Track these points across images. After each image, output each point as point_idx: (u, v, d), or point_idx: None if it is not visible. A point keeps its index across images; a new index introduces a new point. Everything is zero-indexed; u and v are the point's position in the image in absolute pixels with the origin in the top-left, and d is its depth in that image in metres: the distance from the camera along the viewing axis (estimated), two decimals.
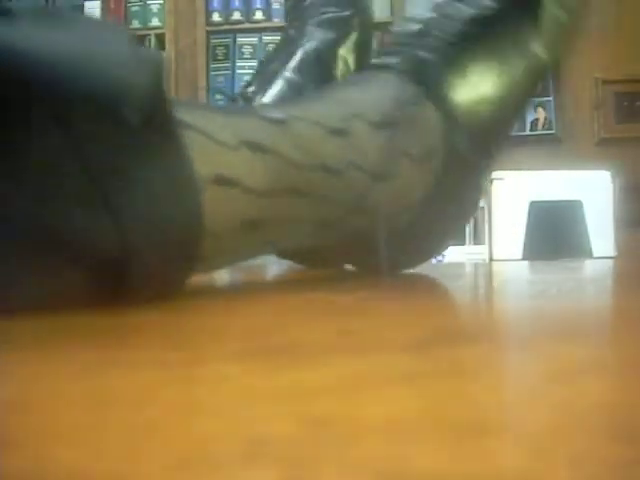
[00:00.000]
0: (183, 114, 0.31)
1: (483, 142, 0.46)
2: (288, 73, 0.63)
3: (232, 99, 0.75)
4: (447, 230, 0.48)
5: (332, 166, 0.38)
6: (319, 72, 0.63)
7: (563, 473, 0.11)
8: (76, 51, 0.28)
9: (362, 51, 0.68)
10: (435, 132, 0.43)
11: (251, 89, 0.63)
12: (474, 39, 0.45)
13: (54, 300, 0.29)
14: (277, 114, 0.37)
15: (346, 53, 0.66)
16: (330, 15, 0.66)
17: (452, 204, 0.46)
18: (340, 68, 0.65)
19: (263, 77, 0.64)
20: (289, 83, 0.62)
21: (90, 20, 0.32)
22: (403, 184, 0.42)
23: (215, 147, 0.32)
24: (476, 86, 0.45)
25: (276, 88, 0.62)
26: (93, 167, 0.28)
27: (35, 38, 0.28)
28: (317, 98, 0.41)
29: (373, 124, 0.40)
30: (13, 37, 0.27)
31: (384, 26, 2.63)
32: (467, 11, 0.46)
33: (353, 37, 0.66)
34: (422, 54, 0.44)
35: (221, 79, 2.64)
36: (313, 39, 0.64)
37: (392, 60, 0.44)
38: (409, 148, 0.42)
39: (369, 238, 0.42)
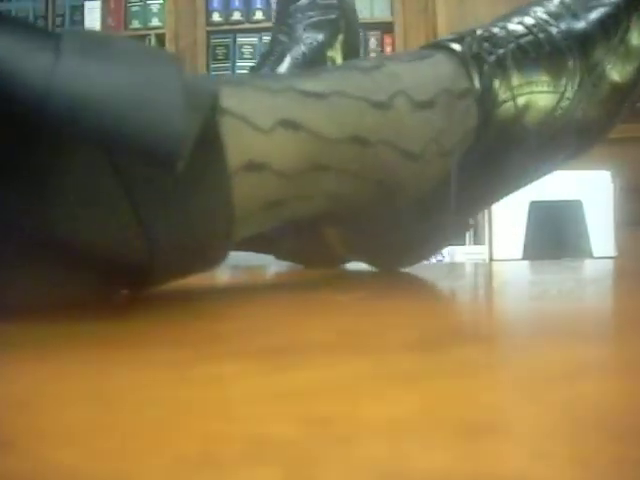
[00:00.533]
0: (220, 95, 0.31)
1: (501, 168, 0.46)
2: None
3: None
4: (447, 229, 0.48)
5: (365, 138, 0.38)
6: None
7: (563, 473, 0.11)
8: (127, 95, 0.27)
9: (349, 52, 0.69)
10: (466, 131, 0.43)
11: None
12: (532, 63, 0.45)
13: (66, 298, 0.30)
14: (318, 86, 0.36)
15: (334, 54, 0.67)
16: (316, 19, 0.67)
17: (456, 203, 0.46)
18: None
19: None
20: None
21: (139, 50, 0.30)
22: (429, 169, 0.42)
23: (249, 132, 0.32)
24: (520, 109, 0.44)
25: None
26: (134, 194, 0.28)
27: (84, 78, 0.27)
28: (365, 70, 0.40)
29: (415, 103, 0.40)
30: (61, 76, 0.26)
31: (384, 26, 2.63)
32: (529, 37, 0.46)
33: (340, 38, 0.68)
34: (484, 52, 0.44)
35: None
36: (301, 42, 0.66)
37: (456, 45, 0.44)
38: (439, 137, 0.42)
39: (380, 220, 0.43)
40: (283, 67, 0.64)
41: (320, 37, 0.66)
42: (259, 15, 2.65)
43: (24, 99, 0.26)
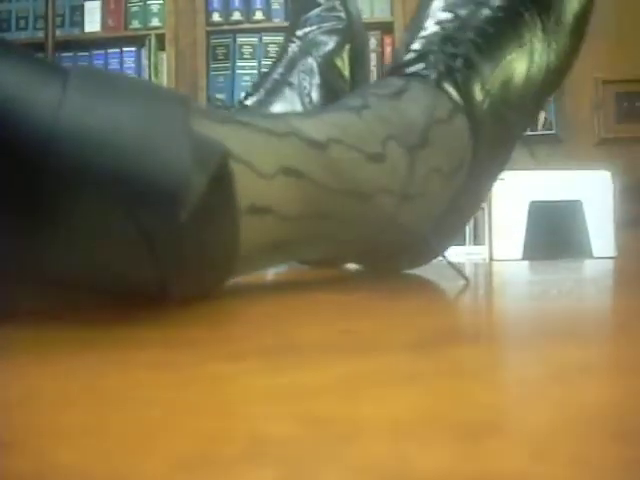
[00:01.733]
0: (227, 140, 0.32)
1: (501, 148, 0.47)
2: (288, 86, 0.66)
3: (227, 108, 0.80)
4: (454, 233, 0.48)
5: (364, 192, 0.38)
6: (318, 83, 0.67)
7: (563, 473, 0.11)
8: (133, 146, 0.27)
9: (357, 60, 0.71)
10: (464, 146, 0.43)
11: (250, 100, 0.66)
12: (494, 41, 0.45)
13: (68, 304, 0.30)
14: (318, 135, 0.37)
15: (342, 63, 0.69)
16: (325, 29, 0.70)
17: (465, 210, 0.47)
18: (337, 78, 0.69)
19: (265, 84, 0.67)
20: (291, 87, 0.65)
21: (146, 90, 0.30)
22: (430, 200, 0.42)
23: (253, 177, 0.33)
24: (501, 91, 0.45)
25: (278, 100, 0.65)
26: (146, 233, 0.28)
27: (89, 122, 0.27)
28: (359, 110, 0.40)
29: (409, 147, 0.41)
30: (66, 121, 0.26)
31: (384, 26, 2.63)
32: (482, 12, 0.46)
33: (347, 47, 0.70)
34: (450, 62, 0.44)
35: (221, 79, 2.64)
36: (311, 50, 0.68)
37: (421, 67, 0.44)
38: (440, 165, 0.42)
39: (386, 248, 0.43)
40: (294, 76, 0.66)
41: (328, 46, 0.69)
42: (259, 15, 2.65)
43: (28, 142, 0.26)
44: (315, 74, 0.67)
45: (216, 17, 2.66)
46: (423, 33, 0.46)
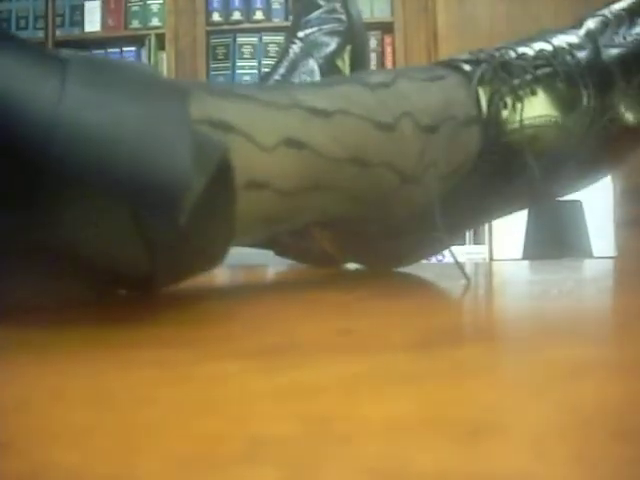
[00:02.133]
0: (227, 112, 0.32)
1: (499, 189, 0.46)
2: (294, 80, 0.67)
3: None
4: (439, 240, 0.48)
5: (366, 159, 0.38)
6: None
7: (564, 473, 0.11)
8: (133, 144, 0.27)
9: (357, 61, 0.71)
10: (465, 156, 0.43)
11: None
12: (544, 96, 0.45)
13: (66, 299, 0.30)
14: (324, 103, 0.36)
15: (342, 64, 0.70)
16: (327, 30, 0.70)
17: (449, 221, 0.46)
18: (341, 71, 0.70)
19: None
20: None
21: (145, 80, 0.29)
22: (422, 192, 0.42)
23: (252, 150, 0.32)
24: (527, 139, 0.44)
25: None
26: (145, 231, 0.28)
27: (89, 118, 0.26)
28: (373, 87, 0.40)
29: (421, 127, 0.40)
30: (65, 109, 0.26)
31: (384, 26, 2.63)
32: (546, 67, 0.45)
33: (348, 49, 0.71)
34: (496, 80, 0.44)
35: (221, 79, 2.64)
36: (312, 52, 0.69)
37: (470, 69, 0.44)
38: (439, 161, 0.42)
39: (372, 234, 0.43)
40: (295, 78, 0.67)
41: (329, 47, 0.69)
42: (259, 15, 2.65)
43: (27, 141, 0.26)
44: (316, 75, 0.67)
45: (216, 17, 2.66)
46: (489, 50, 0.46)
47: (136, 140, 0.27)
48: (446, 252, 0.47)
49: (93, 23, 2.67)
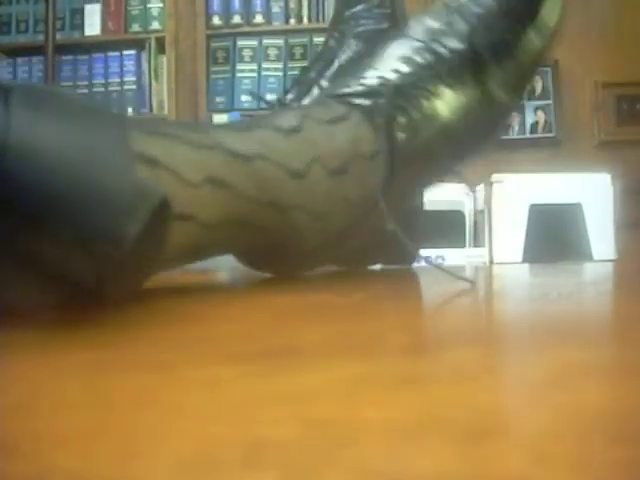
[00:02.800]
0: (155, 148, 0.34)
1: (408, 195, 0.52)
2: (324, 82, 0.66)
3: (263, 101, 0.78)
4: (351, 244, 0.51)
5: (281, 205, 0.41)
6: None
7: (563, 476, 0.11)
8: (78, 168, 0.28)
9: None
10: (376, 186, 0.46)
11: (289, 96, 0.67)
12: (435, 104, 0.48)
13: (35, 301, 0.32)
14: (244, 148, 0.39)
15: None
16: (368, 27, 0.68)
17: (363, 231, 0.49)
18: None
19: (301, 85, 0.68)
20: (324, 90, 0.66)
21: (85, 110, 0.31)
22: (333, 223, 0.46)
23: (180, 186, 0.35)
24: (427, 148, 0.48)
25: (313, 94, 0.66)
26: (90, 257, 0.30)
27: (36, 142, 0.27)
28: (287, 134, 0.43)
29: (330, 170, 0.44)
30: (10, 131, 0.27)
31: None
32: (432, 71, 0.49)
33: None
34: (395, 112, 0.47)
35: (221, 82, 2.64)
36: (349, 50, 0.68)
37: (367, 103, 0.47)
38: (350, 195, 0.45)
39: (285, 257, 0.47)
40: (329, 72, 0.66)
41: (367, 46, 0.67)
42: (259, 18, 2.65)
43: None
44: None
45: (216, 20, 2.66)
46: (378, 73, 0.49)
47: (83, 171, 0.28)
48: (447, 255, 0.47)
49: (93, 27, 2.67)
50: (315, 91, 0.66)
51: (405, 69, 0.49)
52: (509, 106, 0.52)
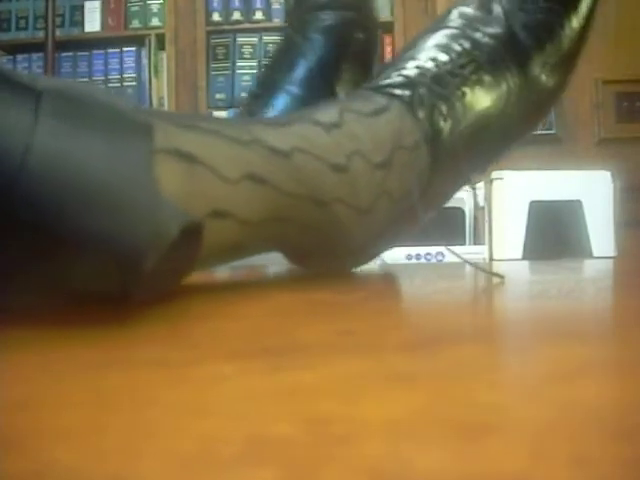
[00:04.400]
0: (195, 145, 0.33)
1: (451, 187, 0.51)
2: (292, 88, 0.62)
3: (234, 106, 0.75)
4: (390, 243, 0.51)
5: (322, 199, 0.40)
6: (322, 86, 0.62)
7: (563, 473, 0.11)
8: (100, 189, 0.27)
9: (366, 59, 0.65)
10: (419, 177, 0.46)
11: (254, 103, 0.63)
12: (476, 93, 0.48)
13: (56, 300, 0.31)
14: (283, 144, 0.38)
15: (348, 65, 0.63)
16: (331, 21, 0.63)
17: (403, 228, 0.50)
18: (343, 79, 0.63)
19: (267, 89, 0.63)
20: (293, 97, 0.62)
21: (114, 119, 0.29)
22: (377, 219, 0.45)
23: (216, 182, 0.34)
24: (469, 138, 0.48)
25: (281, 102, 0.62)
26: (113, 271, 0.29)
27: (58, 162, 0.27)
28: (327, 128, 0.42)
29: (372, 164, 0.43)
30: (36, 150, 0.26)
31: (384, 26, 2.63)
32: (472, 63, 0.48)
33: (356, 45, 0.63)
34: (435, 100, 0.46)
35: (221, 79, 2.64)
36: (315, 50, 0.63)
37: (407, 93, 0.46)
38: (392, 189, 0.45)
39: (329, 255, 0.46)
40: (297, 75, 0.62)
41: (334, 43, 0.62)
42: (259, 15, 2.64)
43: None
44: (319, 76, 0.63)
45: (216, 17, 2.66)
46: (417, 63, 0.48)
47: (102, 190, 0.27)
48: (446, 252, 0.48)
49: (93, 23, 2.66)
50: (284, 97, 0.62)
51: (443, 57, 0.48)
52: (553, 89, 0.51)
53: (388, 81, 0.48)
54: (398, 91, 0.47)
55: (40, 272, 0.28)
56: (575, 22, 0.50)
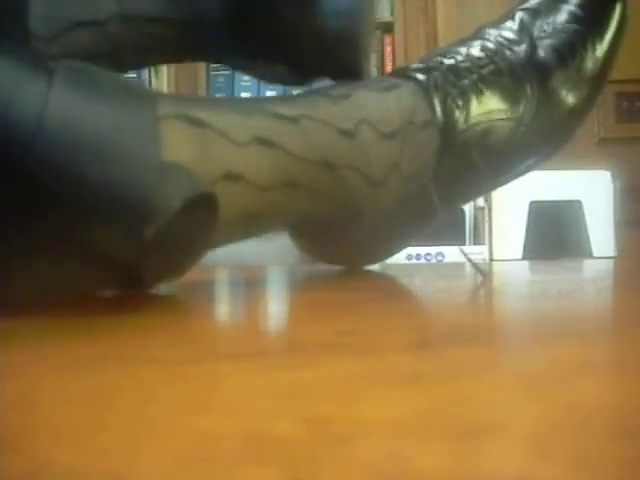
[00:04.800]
0: (204, 113, 0.34)
1: (460, 186, 0.50)
2: None
3: None
4: (406, 235, 0.51)
5: (332, 163, 0.41)
6: None
7: (563, 473, 0.11)
8: (109, 151, 0.29)
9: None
10: (426, 158, 0.46)
11: None
12: (492, 92, 0.48)
13: (71, 287, 0.32)
14: (290, 111, 0.39)
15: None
16: None
17: (414, 216, 0.49)
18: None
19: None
20: None
21: (121, 88, 0.32)
22: (388, 194, 0.45)
23: (228, 145, 0.35)
24: (480, 135, 0.47)
25: None
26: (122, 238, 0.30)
27: (71, 128, 0.28)
28: (334, 99, 0.43)
29: (380, 134, 0.43)
30: (49, 115, 0.28)
31: (384, 26, 2.63)
32: (490, 65, 0.48)
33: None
34: (448, 85, 0.46)
35: (221, 79, 2.64)
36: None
37: (420, 75, 0.46)
38: (402, 164, 0.45)
39: (345, 233, 0.46)
40: None
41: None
42: None
43: (9, 143, 0.28)
44: None
45: None
46: (438, 58, 0.48)
47: (109, 154, 0.29)
48: (446, 252, 0.48)
49: None
50: None
51: (462, 56, 0.48)
52: (574, 108, 0.50)
53: (407, 66, 0.48)
54: (413, 74, 0.47)
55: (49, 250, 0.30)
56: (599, 45, 0.51)
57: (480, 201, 1.00)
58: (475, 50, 0.48)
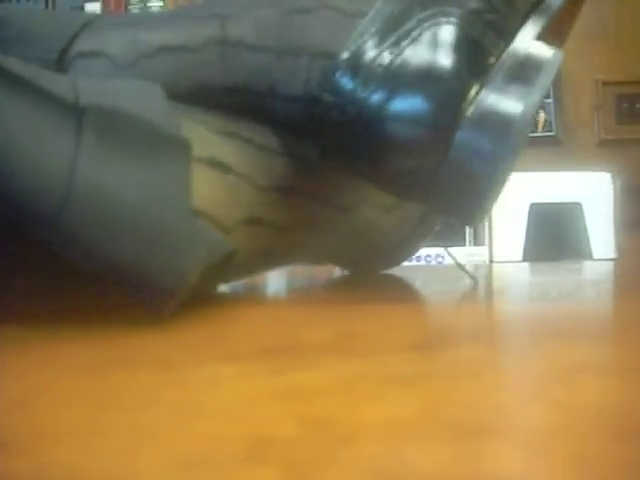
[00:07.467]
0: (227, 154, 0.34)
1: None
2: None
3: None
4: (418, 245, 0.52)
5: (346, 205, 0.42)
6: None
7: (563, 473, 0.11)
8: (136, 211, 0.27)
9: None
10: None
11: None
12: None
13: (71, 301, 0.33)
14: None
15: None
16: None
17: (431, 226, 0.51)
18: None
19: None
20: None
21: (151, 138, 0.29)
22: (404, 213, 0.46)
23: (250, 190, 0.35)
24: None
25: None
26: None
27: (100, 190, 0.26)
28: None
29: None
30: (79, 178, 0.26)
31: None
32: None
33: None
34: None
35: None
36: None
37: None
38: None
39: (365, 251, 0.48)
40: None
41: None
42: None
43: (37, 217, 0.25)
44: None
45: None
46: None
47: (144, 213, 0.27)
48: (446, 254, 0.48)
49: None
50: None
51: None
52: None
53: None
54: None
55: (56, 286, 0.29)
56: None
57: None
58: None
